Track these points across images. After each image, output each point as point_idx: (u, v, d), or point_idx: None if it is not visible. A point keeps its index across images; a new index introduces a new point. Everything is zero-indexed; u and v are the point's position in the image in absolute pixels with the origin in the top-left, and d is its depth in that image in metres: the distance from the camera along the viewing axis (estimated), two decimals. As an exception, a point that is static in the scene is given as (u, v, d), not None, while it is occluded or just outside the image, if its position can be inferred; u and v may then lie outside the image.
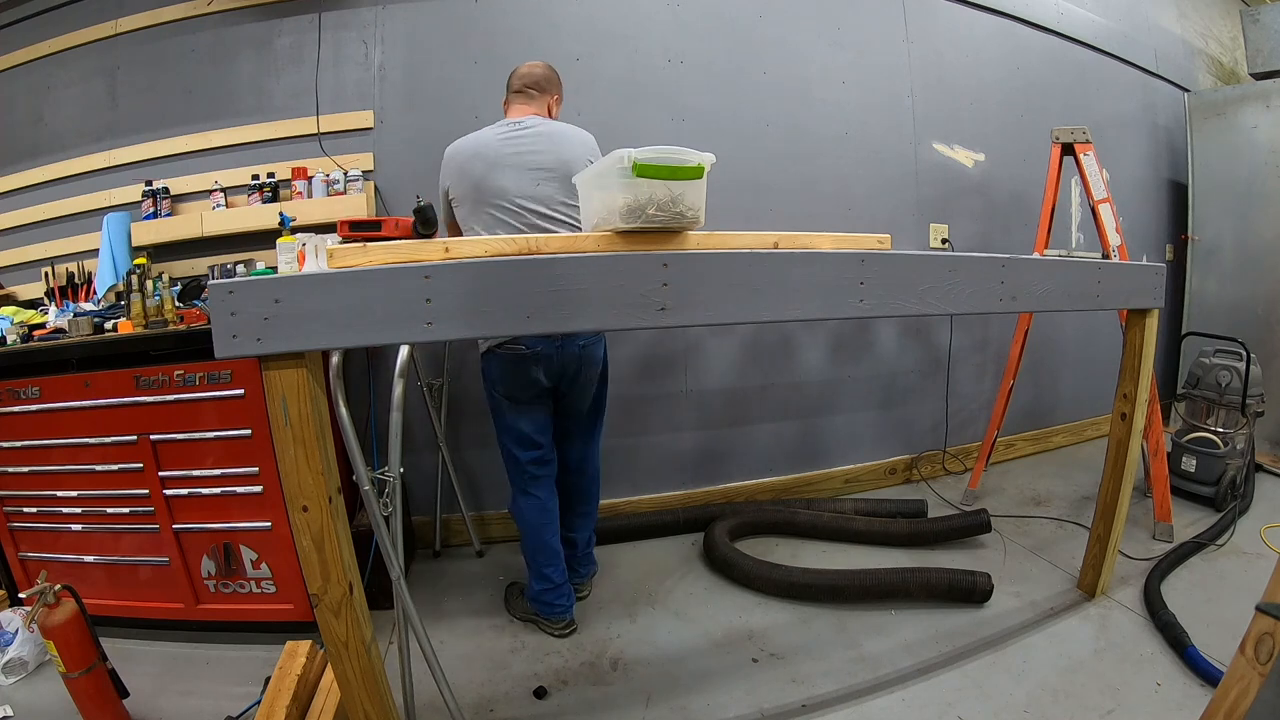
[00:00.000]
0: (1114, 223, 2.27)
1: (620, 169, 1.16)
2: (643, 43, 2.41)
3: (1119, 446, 1.80)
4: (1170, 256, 3.50)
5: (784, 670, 1.65)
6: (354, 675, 1.15)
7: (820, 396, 2.69)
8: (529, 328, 1.07)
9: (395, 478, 1.27)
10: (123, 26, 2.30)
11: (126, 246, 2.19)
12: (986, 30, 2.89)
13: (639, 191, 1.18)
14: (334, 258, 1.13)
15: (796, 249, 1.34)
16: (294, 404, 1.02)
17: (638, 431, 2.52)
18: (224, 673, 1.71)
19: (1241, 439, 2.44)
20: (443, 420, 2.30)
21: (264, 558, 1.77)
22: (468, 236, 1.66)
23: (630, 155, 1.15)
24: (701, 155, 1.22)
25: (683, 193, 1.21)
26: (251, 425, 1.69)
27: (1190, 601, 1.82)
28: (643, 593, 2.05)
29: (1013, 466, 3.03)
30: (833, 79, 2.61)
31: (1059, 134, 2.37)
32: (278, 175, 2.24)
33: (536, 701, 1.57)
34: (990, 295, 1.40)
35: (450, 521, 2.40)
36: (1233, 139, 3.20)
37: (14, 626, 1.71)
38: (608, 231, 1.25)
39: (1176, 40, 3.55)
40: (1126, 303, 1.72)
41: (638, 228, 1.21)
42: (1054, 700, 1.49)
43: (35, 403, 1.74)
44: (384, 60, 2.29)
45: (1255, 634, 0.95)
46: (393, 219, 1.36)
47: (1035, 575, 2.06)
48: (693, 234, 1.28)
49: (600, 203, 1.29)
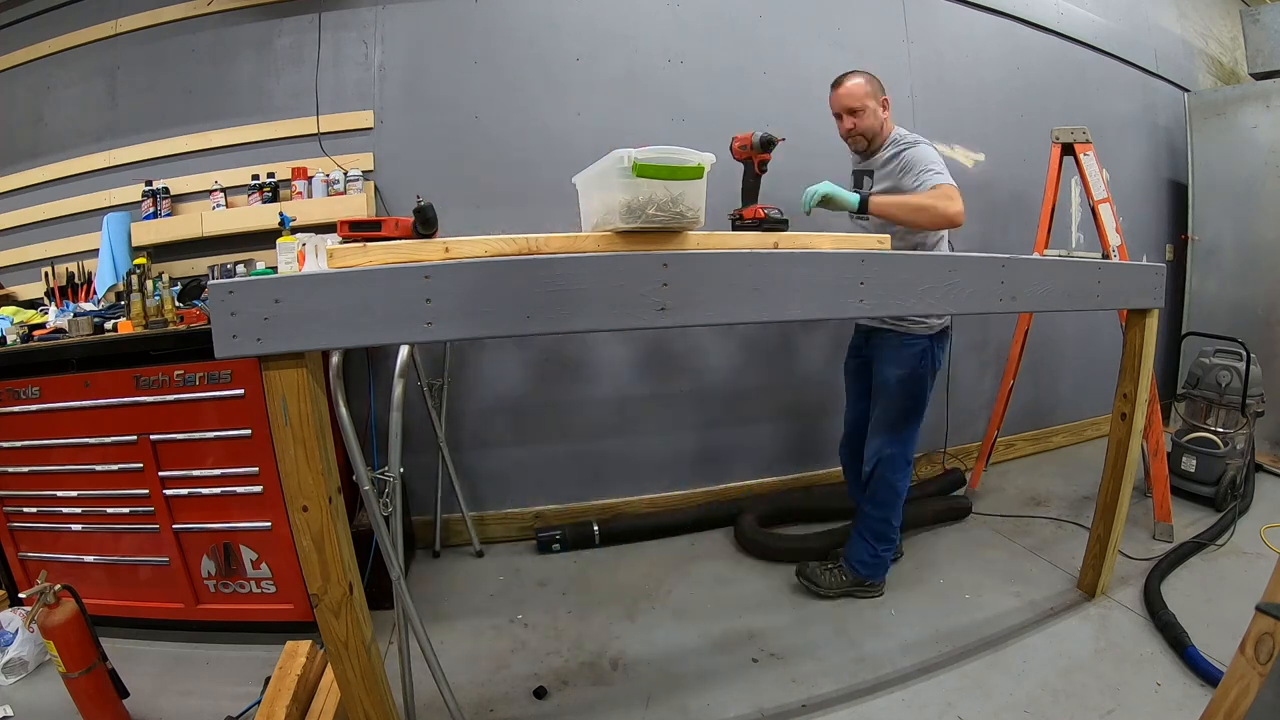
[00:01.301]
0: (1114, 223, 2.27)
1: (620, 169, 1.16)
2: (643, 43, 2.41)
3: (1119, 446, 1.80)
4: (1170, 256, 3.50)
5: (784, 670, 1.65)
6: (354, 675, 1.15)
7: (820, 396, 2.69)
8: (529, 328, 1.07)
9: (395, 478, 1.27)
10: (123, 26, 2.30)
11: (126, 246, 2.19)
12: (986, 30, 2.89)
13: (639, 191, 1.18)
14: (334, 258, 1.13)
15: (797, 249, 1.34)
16: (294, 404, 1.02)
17: (637, 431, 2.52)
18: (224, 673, 1.71)
19: (1241, 439, 2.44)
20: (443, 420, 2.30)
21: (264, 558, 1.77)
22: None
23: (630, 155, 1.15)
24: (701, 155, 1.22)
25: (682, 193, 1.21)
26: (251, 425, 1.69)
27: (1190, 601, 1.81)
28: (643, 593, 2.05)
29: (1013, 466, 3.03)
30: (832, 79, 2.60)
31: (1059, 134, 2.37)
32: (278, 175, 2.24)
33: (536, 701, 1.57)
34: (990, 295, 1.40)
35: (450, 521, 2.40)
36: (1233, 139, 3.20)
37: (14, 626, 1.71)
38: (608, 231, 1.25)
39: (1176, 40, 3.54)
40: (1126, 303, 1.72)
41: (638, 228, 1.21)
42: (1054, 700, 1.49)
43: (35, 403, 1.74)
44: (384, 60, 2.29)
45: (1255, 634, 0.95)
46: (393, 219, 1.36)
47: (1035, 575, 2.06)
48: (693, 234, 1.28)
49: (600, 202, 1.29)
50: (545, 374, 2.44)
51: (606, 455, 2.51)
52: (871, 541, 1.94)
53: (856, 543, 1.97)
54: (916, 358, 1.85)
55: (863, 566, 1.95)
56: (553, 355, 2.43)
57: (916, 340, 1.85)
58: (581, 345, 2.45)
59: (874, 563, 1.95)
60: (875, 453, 1.91)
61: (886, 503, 1.92)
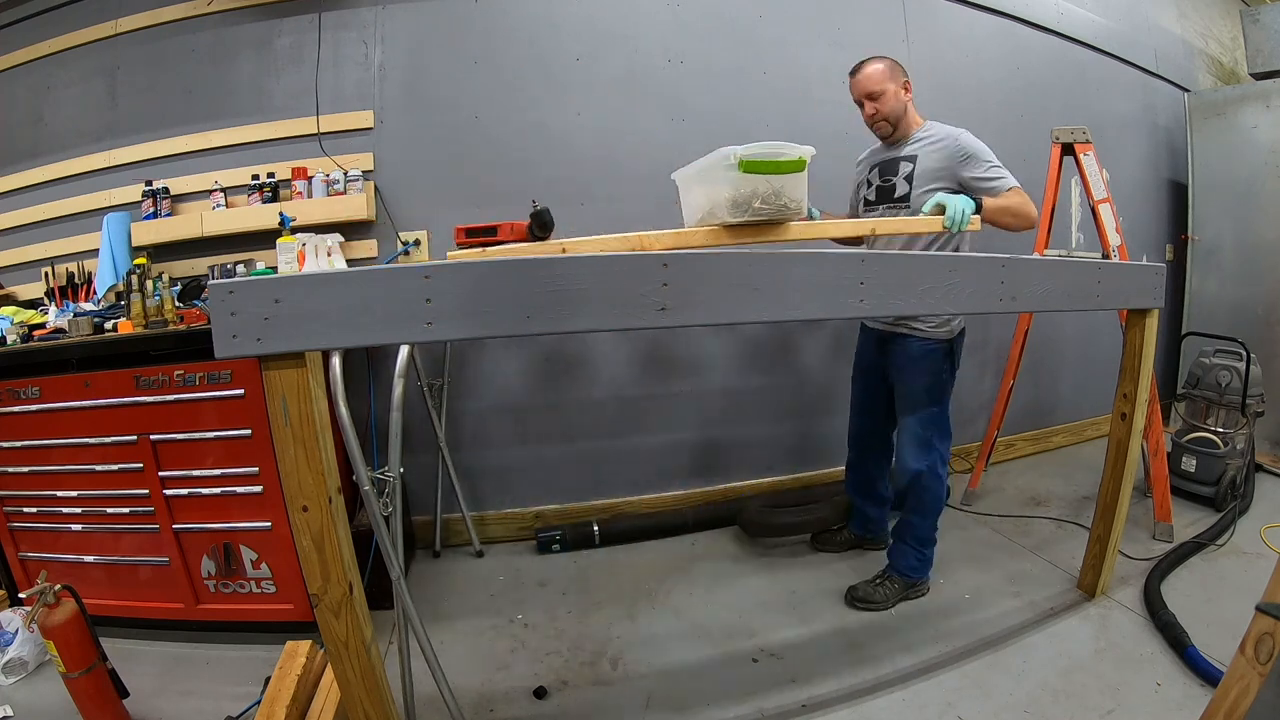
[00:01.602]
0: (1114, 223, 2.27)
1: (726, 165, 1.23)
2: (643, 43, 2.41)
3: (1119, 446, 1.80)
4: (1170, 256, 3.49)
5: (784, 670, 1.65)
6: (354, 675, 1.15)
7: (820, 396, 2.69)
8: (529, 328, 1.07)
9: (395, 478, 1.27)
10: (123, 26, 2.30)
11: (126, 246, 2.19)
12: (986, 30, 2.88)
13: (744, 186, 1.24)
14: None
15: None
16: (294, 404, 1.02)
17: (637, 431, 2.52)
18: (224, 673, 1.71)
19: (1241, 439, 2.44)
20: (443, 420, 2.30)
21: (264, 558, 1.77)
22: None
23: (736, 152, 1.21)
24: (801, 149, 1.28)
25: (783, 185, 1.27)
26: (251, 425, 1.69)
27: (1190, 601, 1.81)
28: (643, 593, 2.05)
29: (1013, 466, 3.03)
30: (833, 79, 2.59)
31: (1059, 134, 2.37)
32: (278, 175, 2.24)
33: (536, 701, 1.57)
34: (990, 295, 1.40)
35: (450, 521, 2.40)
36: (1233, 139, 3.20)
37: (14, 626, 1.71)
38: (714, 225, 1.32)
39: (1176, 40, 3.54)
40: (1126, 303, 1.72)
41: (745, 221, 1.27)
42: (1054, 700, 1.49)
43: (35, 403, 1.74)
44: (384, 60, 2.29)
45: (1255, 634, 0.95)
46: (508, 224, 1.39)
47: (1035, 575, 2.06)
48: (794, 225, 1.35)
49: (704, 198, 1.35)
50: (545, 374, 2.44)
51: (606, 455, 2.51)
52: (916, 547, 1.93)
53: (902, 551, 1.95)
54: (940, 362, 1.82)
55: (913, 571, 1.94)
56: (553, 355, 2.43)
57: (939, 344, 1.82)
58: (582, 345, 2.45)
59: (921, 565, 1.95)
60: (913, 467, 1.86)
61: (930, 510, 1.91)
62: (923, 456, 1.85)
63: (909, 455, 1.87)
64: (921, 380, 1.84)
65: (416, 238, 2.30)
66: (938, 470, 1.87)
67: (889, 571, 1.97)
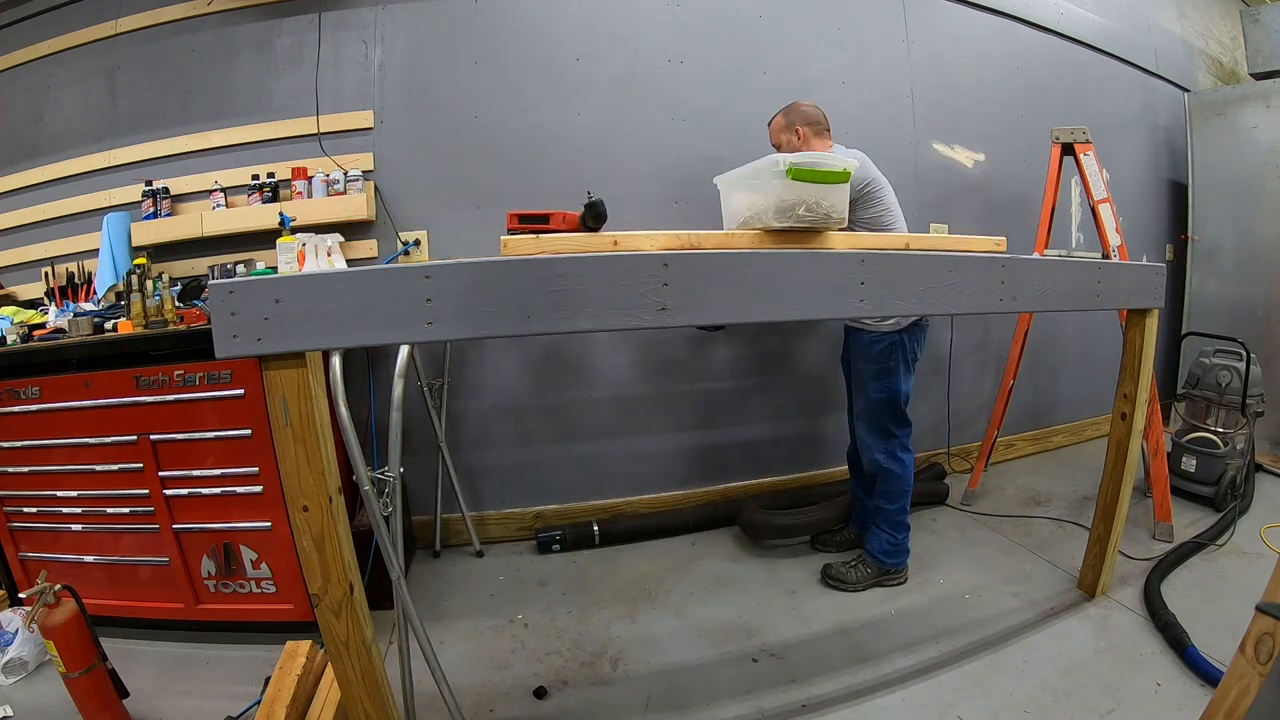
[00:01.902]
0: (1114, 223, 2.27)
1: (775, 171, 1.27)
2: (643, 43, 2.41)
3: (1119, 446, 1.80)
4: (1170, 256, 3.50)
5: (784, 670, 1.65)
6: (354, 675, 1.16)
7: (820, 396, 2.69)
8: (529, 328, 1.07)
9: (395, 478, 1.27)
10: (123, 26, 2.30)
11: (126, 246, 2.19)
12: (986, 30, 2.89)
13: (790, 193, 1.29)
14: (507, 247, 1.22)
15: (926, 249, 1.42)
16: (294, 404, 1.02)
17: (637, 431, 2.52)
18: (224, 673, 1.71)
19: (1241, 439, 2.44)
20: (443, 420, 2.30)
21: (264, 558, 1.77)
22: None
23: (785, 159, 1.27)
24: (846, 160, 1.34)
25: (826, 195, 1.32)
26: (251, 425, 1.69)
27: (1190, 601, 1.81)
28: (643, 593, 2.05)
29: (1013, 466, 3.03)
30: (833, 79, 2.60)
31: (1059, 134, 2.37)
32: (278, 175, 2.23)
33: (536, 701, 1.57)
34: (990, 295, 1.40)
35: (450, 521, 2.40)
36: (1233, 139, 3.20)
37: (14, 626, 1.71)
38: (758, 229, 1.35)
39: (1176, 40, 3.54)
40: (1126, 303, 1.72)
41: (789, 226, 1.31)
42: (1054, 700, 1.49)
43: (35, 403, 1.74)
44: (384, 60, 2.29)
45: (1255, 634, 0.95)
46: (559, 213, 1.40)
47: (1035, 575, 2.06)
48: (833, 234, 1.39)
49: (746, 202, 1.39)
50: (545, 374, 2.44)
51: (606, 455, 2.51)
52: (889, 531, 2.01)
53: (875, 534, 2.03)
54: (885, 353, 1.92)
55: (885, 556, 2.01)
56: (553, 355, 2.44)
57: (882, 336, 1.92)
58: (582, 345, 2.45)
59: (895, 550, 2.01)
60: (869, 450, 2.02)
61: (896, 494, 1.99)
62: (879, 442, 1.99)
63: (866, 441, 2.03)
64: (870, 368, 1.96)
65: (416, 238, 2.30)
66: (897, 454, 1.99)
67: (863, 554, 2.05)
